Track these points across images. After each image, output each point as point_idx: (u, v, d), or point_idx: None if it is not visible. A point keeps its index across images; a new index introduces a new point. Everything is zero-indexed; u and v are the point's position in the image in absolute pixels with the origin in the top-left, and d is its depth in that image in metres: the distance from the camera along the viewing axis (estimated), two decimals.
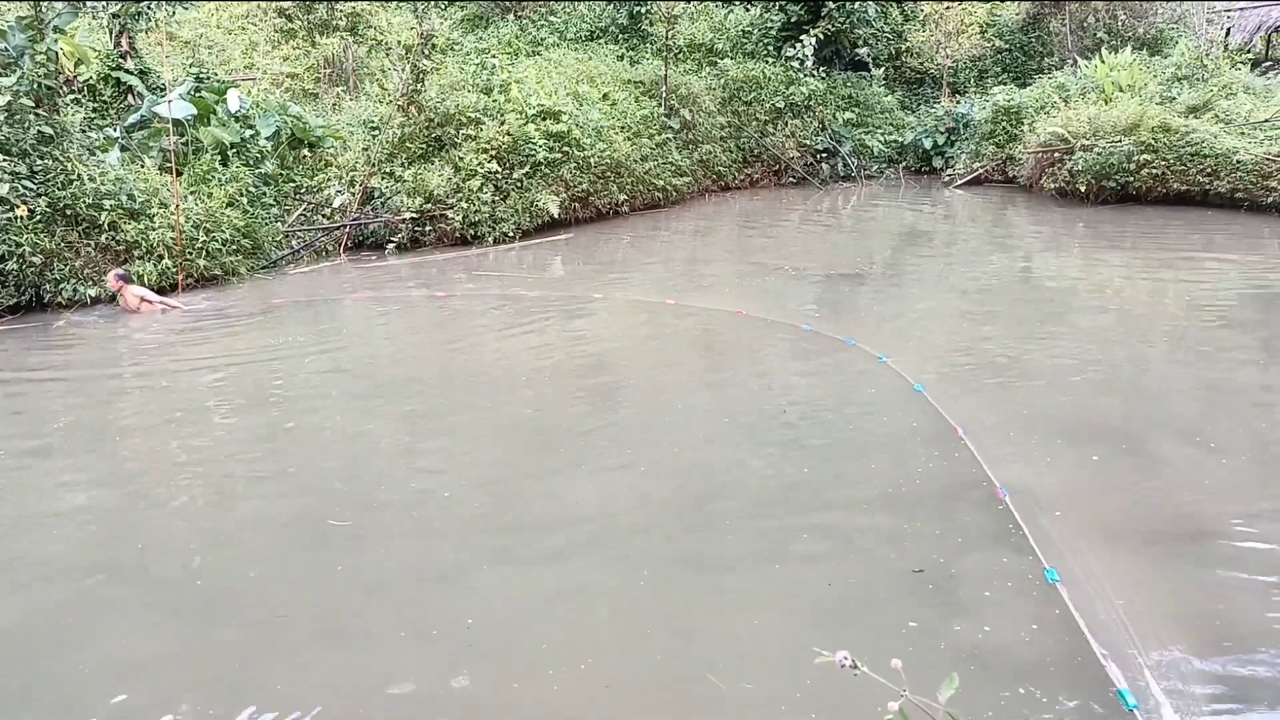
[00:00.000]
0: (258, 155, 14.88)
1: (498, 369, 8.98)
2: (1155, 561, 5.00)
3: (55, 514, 6.16)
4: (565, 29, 23.70)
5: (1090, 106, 17.68)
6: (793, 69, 21.19)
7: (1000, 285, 11.72)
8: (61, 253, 11.65)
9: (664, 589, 4.96)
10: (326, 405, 8.10)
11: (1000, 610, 4.56)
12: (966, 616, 4.53)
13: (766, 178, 21.19)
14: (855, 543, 5.31)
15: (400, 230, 15.01)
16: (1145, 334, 9.28)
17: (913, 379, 7.76)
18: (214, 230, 12.88)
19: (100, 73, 14.98)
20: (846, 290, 11.65)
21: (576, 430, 7.24)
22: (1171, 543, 5.19)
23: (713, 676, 4.17)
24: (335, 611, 4.89)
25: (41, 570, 5.45)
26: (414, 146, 15.62)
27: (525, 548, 5.45)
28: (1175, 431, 6.72)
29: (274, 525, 5.87)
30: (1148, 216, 15.66)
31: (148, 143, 13.92)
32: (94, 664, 4.50)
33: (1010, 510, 5.47)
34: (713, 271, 13.35)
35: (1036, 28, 24.55)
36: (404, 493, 6.23)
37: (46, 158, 11.66)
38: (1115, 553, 5.07)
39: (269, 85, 19.11)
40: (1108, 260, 12.97)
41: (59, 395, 8.74)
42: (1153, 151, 16.13)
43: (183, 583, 5.20)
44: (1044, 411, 7.14)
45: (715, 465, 6.47)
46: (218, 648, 4.59)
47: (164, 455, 7.14)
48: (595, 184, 16.74)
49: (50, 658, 4.55)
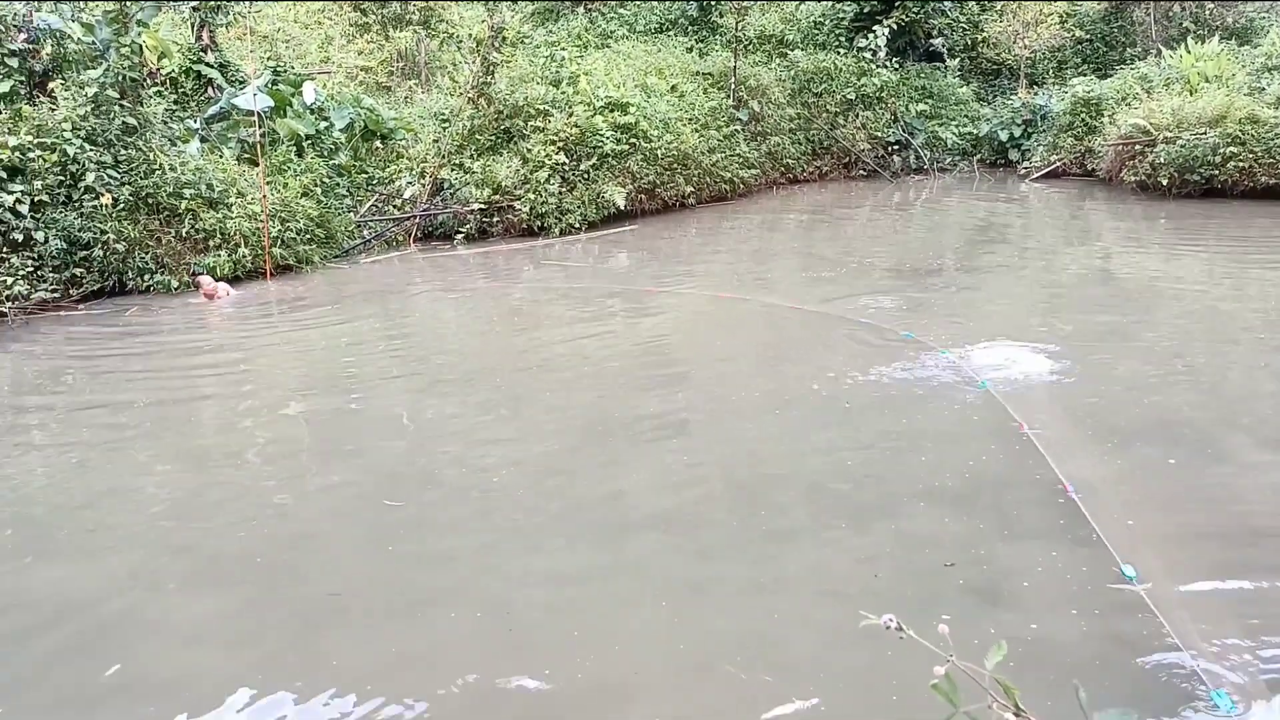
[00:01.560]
0: (332, 147, 15.18)
1: (562, 357, 9.03)
2: (1229, 567, 4.81)
3: (130, 489, 6.36)
4: (635, 21, 23.70)
5: (1174, 98, 17.10)
6: (865, 60, 20.90)
7: (1076, 281, 11.41)
8: (143, 240, 12.02)
9: (715, 577, 4.93)
10: (394, 390, 8.23)
11: (1072, 606, 4.44)
12: (1033, 612, 4.42)
13: (836, 170, 20.93)
14: (911, 535, 5.21)
15: (468, 221, 15.17)
16: (1229, 333, 8.92)
17: (978, 375, 7.58)
18: (289, 220, 13.18)
19: (182, 66, 15.41)
20: (915, 285, 11.45)
21: (637, 418, 7.24)
22: (1244, 547, 4.98)
23: (731, 667, 4.14)
24: (387, 591, 4.96)
25: (114, 541, 5.64)
26: (483, 138, 15.77)
27: (583, 532, 5.46)
28: (1258, 436, 6.41)
29: (337, 504, 5.98)
30: (1233, 211, 15.10)
31: (226, 134, 14.29)
32: (157, 635, 4.64)
33: (1078, 506, 5.30)
34: (777, 265, 13.24)
35: (1119, 17, 23.82)
36: (465, 476, 6.29)
37: (130, 148, 12.04)
38: (1187, 556, 4.89)
39: (344, 78, 19.48)
40: (1190, 256, 12.53)
41: (138, 377, 9.02)
42: (1240, 144, 15.55)
43: (245, 558, 5.32)
44: (1118, 411, 6.89)
45: (772, 456, 6.42)
46: (272, 625, 4.69)
47: (236, 435, 7.32)
48: (662, 176, 16.72)
49: (117, 627, 4.70)
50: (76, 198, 11.57)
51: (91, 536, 5.71)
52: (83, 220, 11.52)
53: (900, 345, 8.58)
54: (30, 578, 5.24)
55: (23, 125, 11.52)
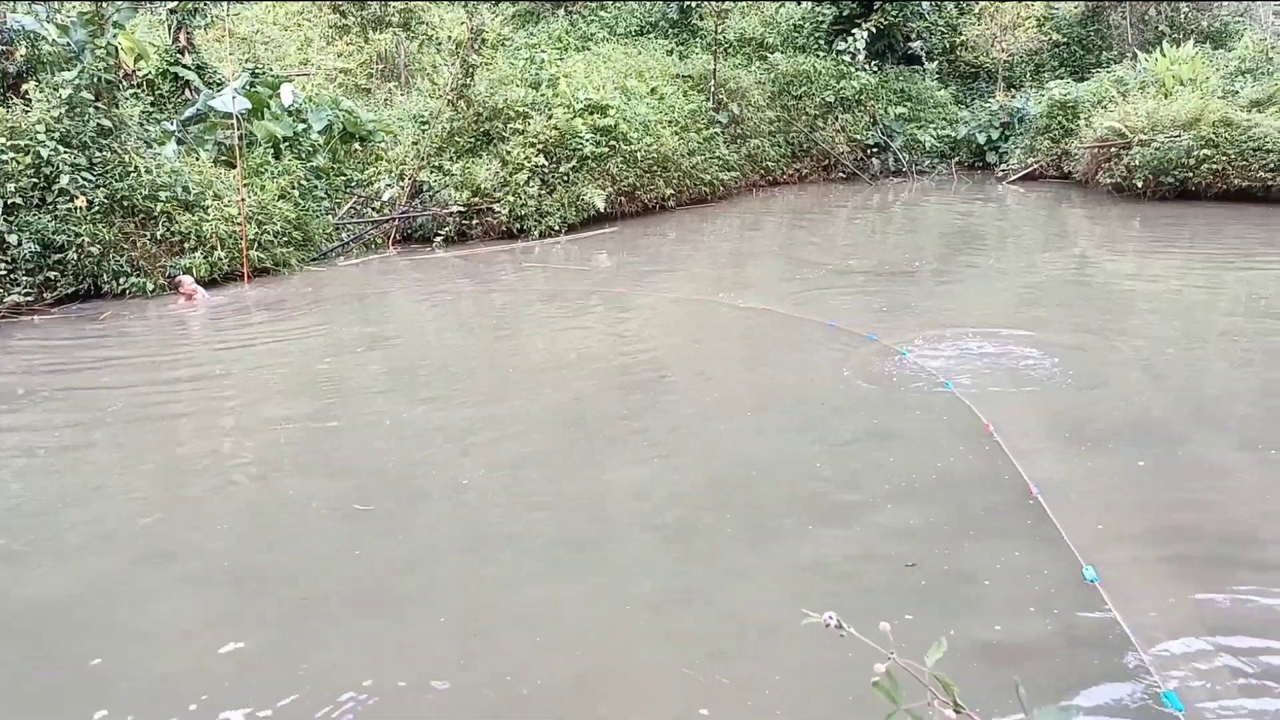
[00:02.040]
0: (309, 149, 15.13)
1: (541, 360, 9.04)
2: (1194, 566, 4.86)
3: (104, 491, 6.33)
4: (615, 24, 23.73)
5: (1149, 101, 17.27)
6: (844, 63, 21.00)
7: (1050, 283, 11.49)
8: (118, 243, 11.94)
9: (684, 578, 4.96)
10: (372, 393, 8.22)
11: (1032, 606, 4.48)
12: (994, 612, 4.45)
13: (815, 173, 21.02)
14: (878, 536, 5.25)
15: (448, 223, 15.15)
16: (1202, 334, 9.00)
17: (944, 377, 7.61)
18: (266, 222, 13.12)
19: (159, 68, 15.33)
20: (891, 287, 11.51)
21: (615, 420, 7.26)
22: (1209, 550, 5.02)
23: (688, 670, 4.16)
24: (358, 594, 4.96)
25: (88, 544, 5.61)
26: (462, 140, 15.75)
27: (557, 532, 5.47)
28: (1229, 438, 6.49)
29: (312, 508, 5.96)
30: (1207, 213, 15.26)
31: (203, 136, 14.22)
32: (129, 636, 4.62)
33: (1043, 507, 5.34)
34: (757, 267, 13.28)
35: (1096, 21, 24.03)
36: (443, 478, 6.29)
37: (105, 150, 11.96)
38: (1151, 556, 4.94)
39: (323, 80, 19.42)
40: (1165, 258, 12.65)
41: (112, 380, 8.97)
42: (1213, 146, 15.72)
43: (218, 562, 5.31)
44: (1087, 411, 6.96)
45: (746, 458, 6.44)
46: (244, 628, 4.68)
47: (212, 438, 7.30)
48: (641, 178, 16.74)
49: (90, 628, 4.68)
50: (50, 200, 11.48)
51: (65, 540, 5.68)
52: (57, 223, 11.43)
53: (869, 347, 8.61)
54: (2, 581, 5.20)
55: None
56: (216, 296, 11.89)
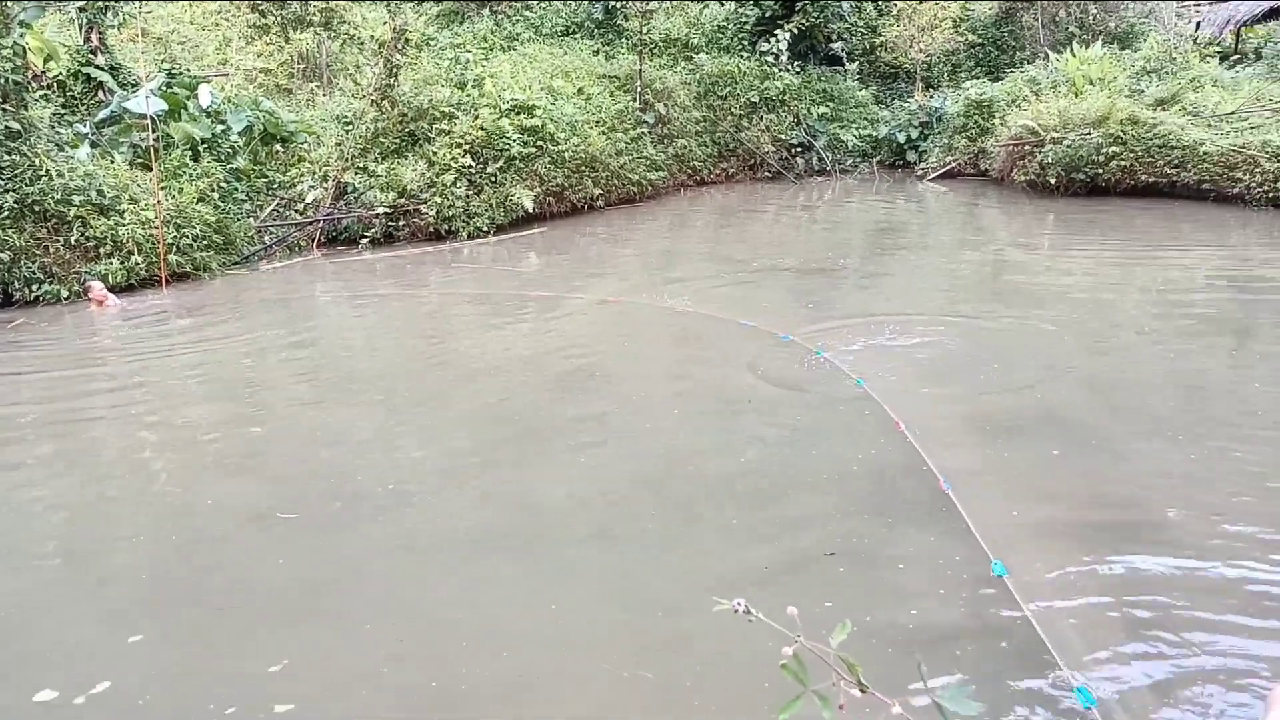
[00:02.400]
0: (229, 150, 14.83)
1: (470, 362, 9.02)
2: (1101, 554, 5.05)
3: (16, 502, 6.16)
4: (541, 24, 23.69)
5: (1060, 100, 17.83)
6: (767, 64, 21.26)
7: (968, 278, 11.82)
8: (30, 249, 11.58)
9: (614, 575, 5.03)
10: (297, 398, 8.13)
11: (942, 598, 4.64)
12: (907, 601, 4.61)
13: (742, 172, 21.24)
14: (796, 527, 5.39)
15: (374, 225, 15.00)
16: (1113, 325, 9.33)
17: (856, 374, 7.75)
18: (185, 226, 12.84)
19: (70, 69, 14.89)
20: (814, 284, 11.73)
21: (544, 421, 7.29)
22: (1119, 537, 5.23)
23: (608, 665, 4.24)
24: (284, 602, 4.93)
25: (2, 558, 5.46)
26: (387, 141, 15.60)
27: (484, 533, 5.49)
28: (1139, 424, 6.73)
29: (234, 517, 5.89)
30: (1116, 208, 15.82)
31: (118, 138, 13.85)
32: (38, 651, 4.54)
33: (952, 500, 5.50)
34: (684, 267, 13.40)
35: (1009, 22, 24.70)
36: (370, 483, 6.25)
37: (14, 153, 11.60)
38: (1059, 545, 5.13)
39: (242, 81, 19.03)
40: (1077, 252, 13.09)
41: (26, 389, 8.72)
42: (1121, 144, 16.29)
43: (138, 573, 5.23)
44: (1001, 403, 7.19)
45: (672, 454, 6.53)
46: (165, 639, 4.62)
47: (133, 448, 7.15)
48: (570, 178, 16.76)
49: (3, 643, 4.58)
50: None
51: None
52: None
53: (788, 347, 8.73)
54: None
55: None
56: (133, 303, 11.61)
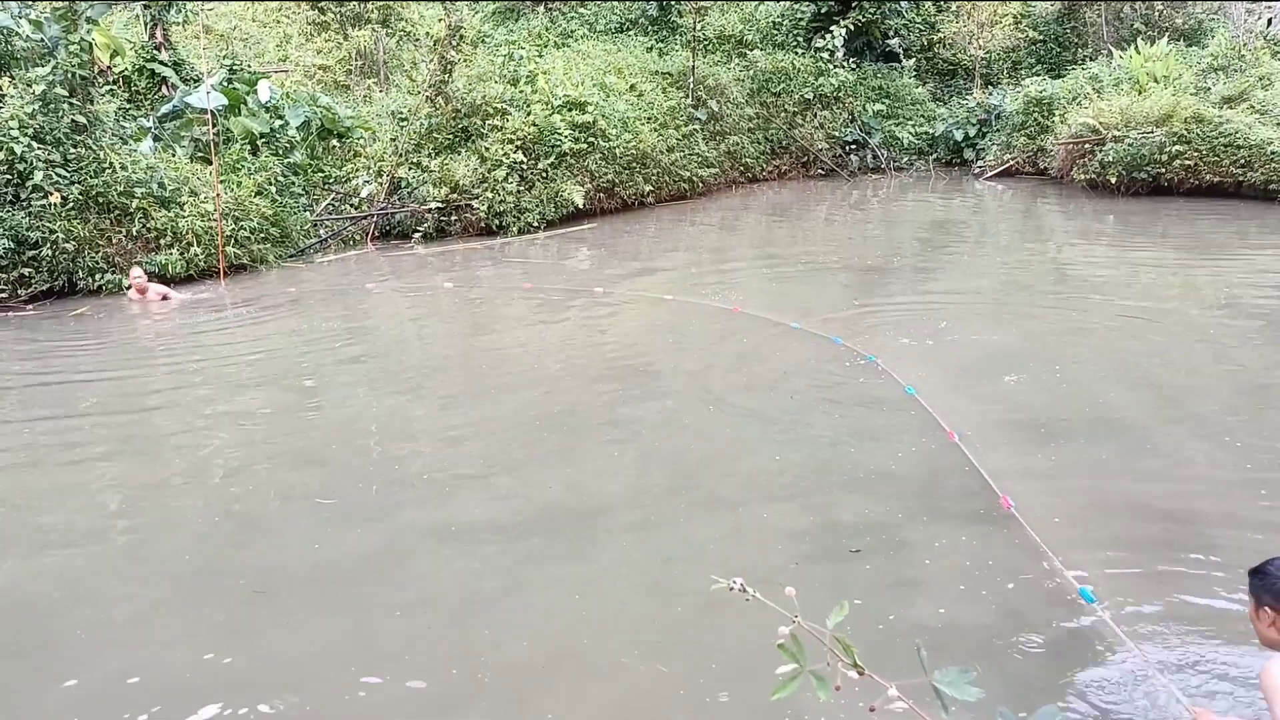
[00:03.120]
0: (287, 145, 15.10)
1: (516, 356, 9.09)
2: (1157, 563, 4.91)
3: (75, 485, 6.35)
4: (595, 21, 23.77)
5: (1123, 97, 17.44)
6: (822, 60, 21.09)
7: (1025, 279, 11.60)
8: (93, 240, 11.90)
9: (649, 567, 5.04)
10: (348, 388, 8.26)
11: (1020, 609, 4.57)
12: (936, 600, 4.55)
13: (794, 170, 21.10)
14: (834, 525, 5.34)
15: (426, 220, 15.16)
16: (1174, 329, 9.08)
17: (912, 375, 7.63)
18: (243, 219, 13.10)
19: (135, 64, 15.27)
20: (867, 285, 11.60)
21: (586, 414, 7.33)
22: (1177, 548, 5.08)
23: (626, 660, 4.23)
24: (317, 587, 5.01)
25: (57, 537, 5.65)
26: (441, 137, 15.76)
27: (525, 523, 5.53)
28: (1200, 429, 6.54)
29: (280, 502, 6.00)
30: (1179, 208, 15.43)
31: (180, 132, 14.18)
32: (85, 626, 4.67)
33: (1012, 512, 5.32)
34: (734, 265, 13.34)
35: (1072, 19, 24.21)
36: (412, 470, 6.33)
37: (80, 146, 11.92)
38: (1117, 554, 5.01)
39: (301, 77, 19.38)
40: (1138, 253, 12.77)
41: (88, 375, 8.97)
42: (1185, 143, 15.89)
43: (180, 554, 5.35)
44: (1056, 409, 6.99)
45: (715, 451, 6.52)
46: (206, 620, 4.72)
47: (188, 433, 7.31)
48: (620, 175, 16.79)
49: (48, 619, 4.75)
50: (24, 196, 11.44)
51: (32, 534, 5.70)
52: (31, 219, 11.39)
53: (834, 348, 8.61)
54: None
55: None
56: (187, 292, 11.86)
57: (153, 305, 11.39)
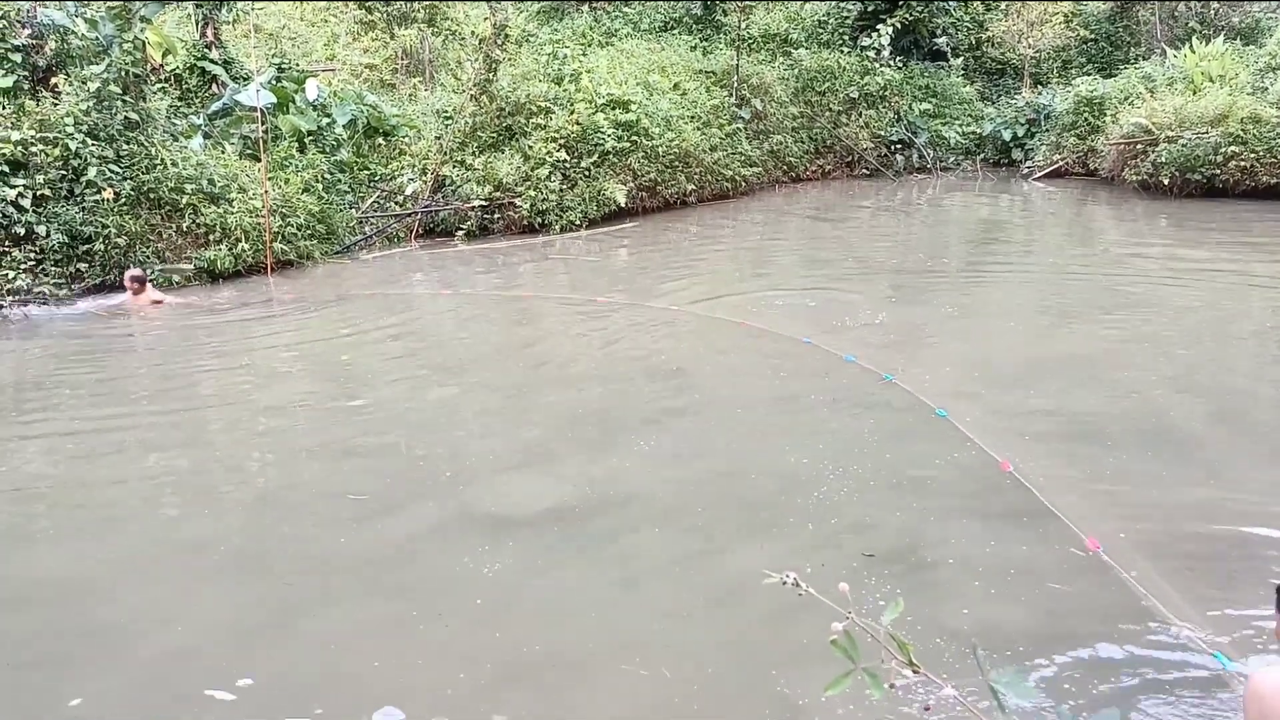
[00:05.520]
0: (334, 143, 15.26)
1: (554, 354, 9.13)
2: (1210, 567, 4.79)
3: (126, 476, 6.45)
4: (639, 20, 23.75)
5: (1177, 97, 17.08)
6: (868, 59, 20.91)
7: (1075, 282, 11.35)
8: (144, 235, 12.10)
9: (674, 565, 5.04)
10: (389, 383, 8.33)
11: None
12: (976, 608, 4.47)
13: (839, 169, 20.93)
14: (862, 530, 5.27)
15: (469, 218, 15.24)
16: (1231, 334, 8.85)
17: (951, 383, 7.40)
18: (290, 215, 13.25)
19: (186, 62, 15.50)
20: (909, 290, 11.44)
21: (619, 415, 7.33)
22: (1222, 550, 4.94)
23: (627, 666, 4.19)
24: (344, 579, 5.04)
25: (106, 525, 5.76)
26: (485, 135, 15.83)
27: (554, 518, 5.52)
28: (1259, 440, 6.35)
29: (316, 494, 6.05)
30: (1235, 210, 15.07)
31: (229, 130, 14.37)
32: (132, 609, 4.77)
33: (1106, 560, 4.88)
34: (773, 268, 13.24)
35: (1124, 17, 23.77)
36: (447, 464, 6.35)
37: (132, 143, 12.12)
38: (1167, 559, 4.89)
39: (348, 76, 19.56)
40: (1192, 256, 12.46)
41: (139, 368, 9.13)
42: (1241, 143, 15.53)
43: (216, 545, 5.41)
44: (1107, 417, 6.78)
45: (744, 457, 6.49)
46: (235, 607, 4.79)
47: (234, 425, 7.43)
48: (663, 173, 16.76)
49: (97, 602, 4.86)
50: (78, 192, 11.65)
51: (80, 520, 5.80)
52: (84, 214, 11.60)
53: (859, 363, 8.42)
54: (27, 558, 5.35)
55: (25, 120, 11.60)
56: (230, 289, 12.00)
57: (146, 307, 11.19)
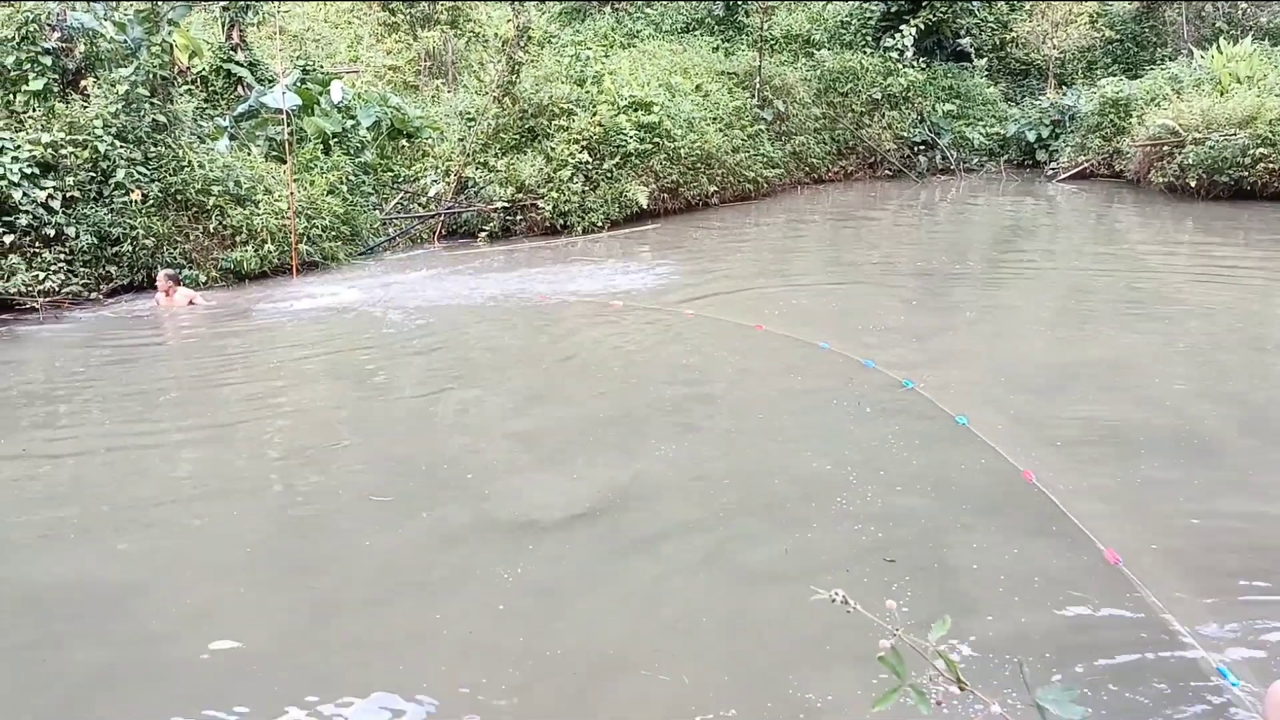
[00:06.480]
0: (358, 145, 15.35)
1: (578, 355, 9.14)
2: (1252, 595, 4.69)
3: (155, 475, 6.51)
4: (661, 21, 23.76)
5: (1204, 98, 16.92)
6: (891, 60, 20.84)
7: (1100, 285, 11.25)
8: (172, 236, 12.22)
9: (695, 568, 5.04)
10: (413, 384, 8.36)
11: None
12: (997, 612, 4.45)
13: (861, 170, 20.87)
14: (886, 535, 5.25)
15: (492, 219, 15.29)
16: (1258, 339, 8.75)
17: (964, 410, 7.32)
18: (315, 217, 13.35)
19: (212, 65, 15.63)
20: (935, 292, 11.39)
21: (643, 417, 7.31)
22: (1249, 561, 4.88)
23: (646, 670, 4.19)
24: (367, 581, 5.07)
25: (133, 523, 5.82)
26: (508, 137, 15.88)
27: (579, 519, 5.53)
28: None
29: (340, 495, 6.08)
30: (1263, 213, 14.91)
31: (254, 132, 14.48)
32: (159, 609, 4.82)
33: (1126, 574, 4.76)
34: (795, 269, 13.21)
35: (1150, 17, 23.57)
36: (468, 465, 6.38)
37: (160, 145, 12.24)
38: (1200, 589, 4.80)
39: (372, 77, 19.68)
40: (1219, 259, 12.33)
41: (167, 368, 9.22)
42: (1270, 145, 15.37)
43: (241, 546, 5.46)
44: (1133, 425, 6.67)
45: (767, 460, 6.47)
46: (260, 608, 4.82)
47: (260, 425, 7.46)
48: (685, 175, 16.76)
49: (124, 601, 4.91)
50: (107, 194, 11.77)
51: (104, 523, 5.85)
52: (113, 216, 11.72)
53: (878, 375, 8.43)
54: (51, 556, 5.41)
55: (55, 122, 11.73)
56: (256, 289, 12.08)
57: (180, 309, 11.28)
